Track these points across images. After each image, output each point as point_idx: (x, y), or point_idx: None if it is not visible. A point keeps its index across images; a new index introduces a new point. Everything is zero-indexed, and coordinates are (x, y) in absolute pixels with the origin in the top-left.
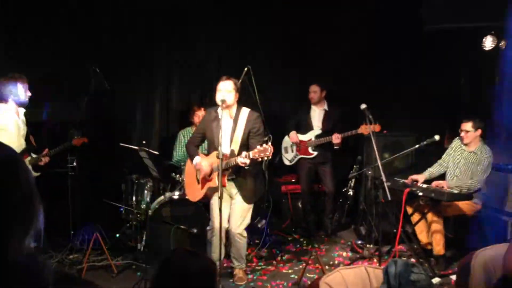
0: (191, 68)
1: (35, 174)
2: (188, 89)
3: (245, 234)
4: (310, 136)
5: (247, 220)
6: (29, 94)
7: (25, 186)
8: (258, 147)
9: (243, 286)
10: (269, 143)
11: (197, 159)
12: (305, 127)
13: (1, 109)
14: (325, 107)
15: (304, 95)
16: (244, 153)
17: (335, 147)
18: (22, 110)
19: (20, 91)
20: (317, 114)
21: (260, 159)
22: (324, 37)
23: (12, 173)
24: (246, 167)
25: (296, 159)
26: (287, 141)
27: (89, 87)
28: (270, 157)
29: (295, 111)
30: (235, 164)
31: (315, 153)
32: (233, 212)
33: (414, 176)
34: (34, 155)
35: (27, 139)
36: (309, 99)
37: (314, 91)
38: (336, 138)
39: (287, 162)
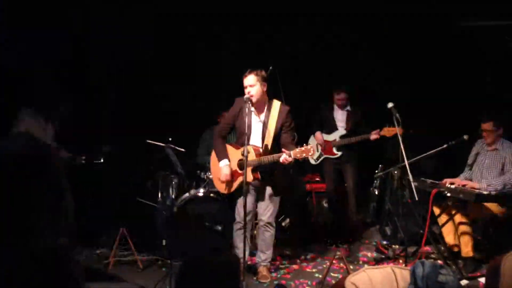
0: (217, 67)
1: None
2: (215, 88)
3: (274, 224)
4: (334, 136)
5: (276, 210)
6: None
7: (57, 180)
8: (300, 147)
9: (267, 284)
10: (311, 144)
11: (223, 163)
12: (329, 127)
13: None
14: (348, 107)
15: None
16: (286, 152)
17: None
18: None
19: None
20: (340, 115)
21: (300, 159)
22: (346, 34)
23: (46, 167)
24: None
25: (321, 159)
26: (312, 140)
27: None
28: (312, 157)
29: (317, 110)
30: (272, 160)
31: (340, 153)
32: (263, 203)
33: (451, 180)
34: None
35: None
36: (337, 105)
37: (343, 98)
38: (374, 138)
39: (312, 162)
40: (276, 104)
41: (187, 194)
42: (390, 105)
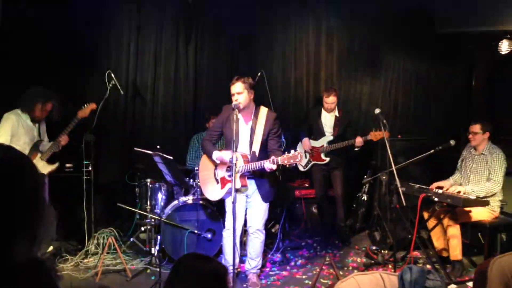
0: (205, 72)
1: (52, 167)
2: (202, 95)
3: (263, 231)
4: (322, 142)
5: (266, 216)
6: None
7: (30, 190)
8: (287, 153)
9: None
10: (299, 150)
11: (216, 153)
12: (317, 133)
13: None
14: (336, 113)
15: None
16: (272, 158)
17: (356, 149)
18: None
19: (37, 110)
20: (328, 120)
21: (288, 165)
22: (331, 37)
23: (16, 178)
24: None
25: (309, 165)
26: (300, 147)
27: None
28: (300, 164)
29: (305, 116)
30: (260, 167)
31: (328, 159)
32: (252, 210)
33: (439, 183)
34: (47, 143)
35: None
36: (325, 108)
37: (333, 102)
38: (359, 142)
39: (301, 168)
40: (263, 111)
41: (176, 201)
42: (377, 111)
